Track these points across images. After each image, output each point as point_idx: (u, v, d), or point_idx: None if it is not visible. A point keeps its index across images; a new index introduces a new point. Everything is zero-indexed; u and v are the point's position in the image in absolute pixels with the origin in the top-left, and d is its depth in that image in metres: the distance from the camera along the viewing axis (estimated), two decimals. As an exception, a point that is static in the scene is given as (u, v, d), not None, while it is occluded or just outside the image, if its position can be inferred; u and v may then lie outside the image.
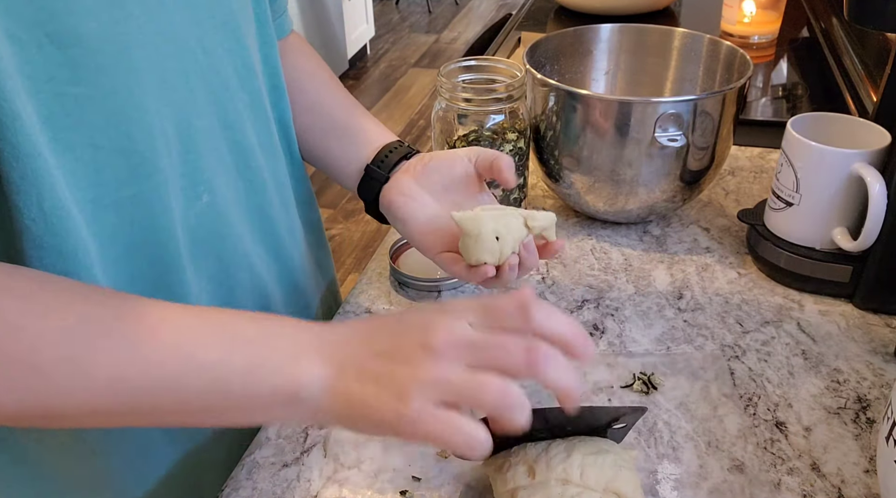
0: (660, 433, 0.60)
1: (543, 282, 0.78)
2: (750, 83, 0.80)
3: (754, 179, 0.94)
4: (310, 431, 0.62)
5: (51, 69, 0.44)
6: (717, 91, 0.76)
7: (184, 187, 0.55)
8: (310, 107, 0.73)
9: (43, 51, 0.43)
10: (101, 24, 0.45)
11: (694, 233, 0.85)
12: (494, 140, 0.78)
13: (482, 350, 0.43)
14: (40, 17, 0.42)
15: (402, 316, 0.47)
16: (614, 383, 0.65)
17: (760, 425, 0.61)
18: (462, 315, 0.45)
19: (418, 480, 0.57)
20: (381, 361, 0.44)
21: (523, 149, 0.80)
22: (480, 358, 0.43)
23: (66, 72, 0.44)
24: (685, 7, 1.55)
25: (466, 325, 0.44)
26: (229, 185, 0.60)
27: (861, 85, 1.03)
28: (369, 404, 0.43)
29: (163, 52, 0.50)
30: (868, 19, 0.66)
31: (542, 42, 0.87)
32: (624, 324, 0.72)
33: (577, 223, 0.87)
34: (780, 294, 0.75)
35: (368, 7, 4.33)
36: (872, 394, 0.64)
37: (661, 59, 0.91)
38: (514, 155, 0.79)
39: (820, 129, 0.73)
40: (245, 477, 0.58)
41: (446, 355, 0.43)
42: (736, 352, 0.68)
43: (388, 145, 0.69)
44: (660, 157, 0.77)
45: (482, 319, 0.45)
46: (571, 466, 0.50)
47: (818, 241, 0.73)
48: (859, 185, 0.69)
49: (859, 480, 0.56)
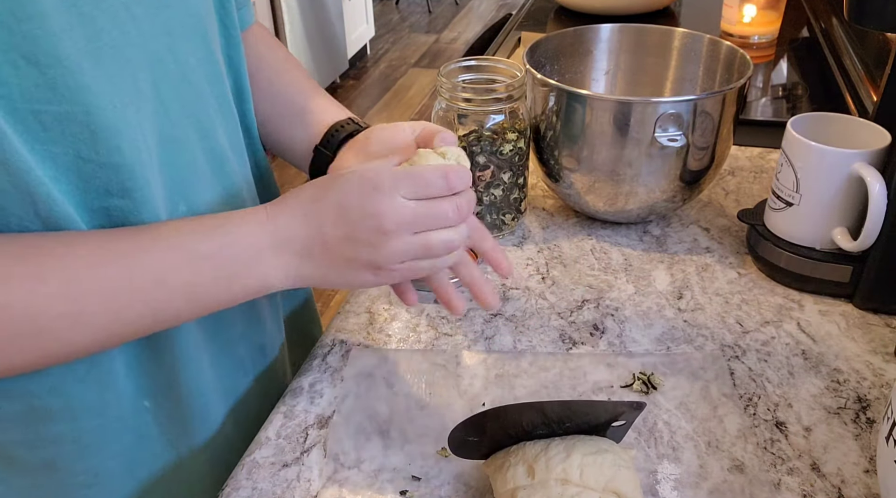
0: (660, 433, 0.60)
1: (543, 282, 0.78)
2: (750, 83, 0.80)
3: (754, 179, 0.94)
4: (310, 431, 0.62)
5: (27, 89, 0.44)
6: (717, 91, 0.76)
7: (164, 198, 0.55)
8: (273, 96, 0.73)
9: (20, 71, 0.43)
10: (75, 43, 0.45)
11: (694, 233, 0.85)
12: (494, 140, 0.78)
13: (424, 219, 0.53)
14: (14, 41, 0.43)
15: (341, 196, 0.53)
16: (614, 383, 0.65)
17: (760, 425, 0.61)
18: (396, 191, 0.52)
19: (418, 480, 0.57)
20: (346, 245, 0.53)
21: (523, 149, 0.80)
22: (424, 225, 0.53)
23: (45, 92, 0.45)
24: (685, 7, 1.55)
25: (405, 202, 0.52)
26: (206, 192, 0.60)
27: (861, 85, 1.03)
28: (344, 277, 0.54)
29: (136, 65, 0.51)
30: (868, 19, 0.66)
31: (542, 42, 0.87)
32: (624, 324, 0.72)
33: (577, 223, 0.87)
34: (780, 294, 0.75)
35: (368, 7, 4.33)
36: (872, 394, 0.64)
37: (661, 59, 0.91)
38: (514, 155, 0.79)
39: (820, 129, 0.73)
40: (245, 477, 0.58)
41: (399, 232, 0.52)
42: (736, 352, 0.68)
43: (336, 124, 0.68)
44: (660, 157, 0.77)
45: (413, 191, 0.53)
46: (571, 465, 0.50)
47: (818, 241, 0.73)
48: (859, 185, 0.69)
49: (859, 480, 0.56)
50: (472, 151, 0.78)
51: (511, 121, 0.78)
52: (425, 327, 0.72)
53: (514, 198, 0.82)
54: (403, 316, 0.74)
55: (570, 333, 0.71)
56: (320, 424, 0.63)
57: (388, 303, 0.76)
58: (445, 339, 0.71)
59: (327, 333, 0.72)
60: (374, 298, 0.76)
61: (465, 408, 0.63)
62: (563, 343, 0.70)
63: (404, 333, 0.72)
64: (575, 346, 0.70)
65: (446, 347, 0.70)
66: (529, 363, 0.68)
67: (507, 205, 0.82)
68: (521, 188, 0.83)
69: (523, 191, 0.83)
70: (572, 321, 0.73)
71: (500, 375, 0.66)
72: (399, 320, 0.73)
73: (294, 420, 0.63)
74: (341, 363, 0.68)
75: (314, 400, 0.65)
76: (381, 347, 0.70)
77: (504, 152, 0.78)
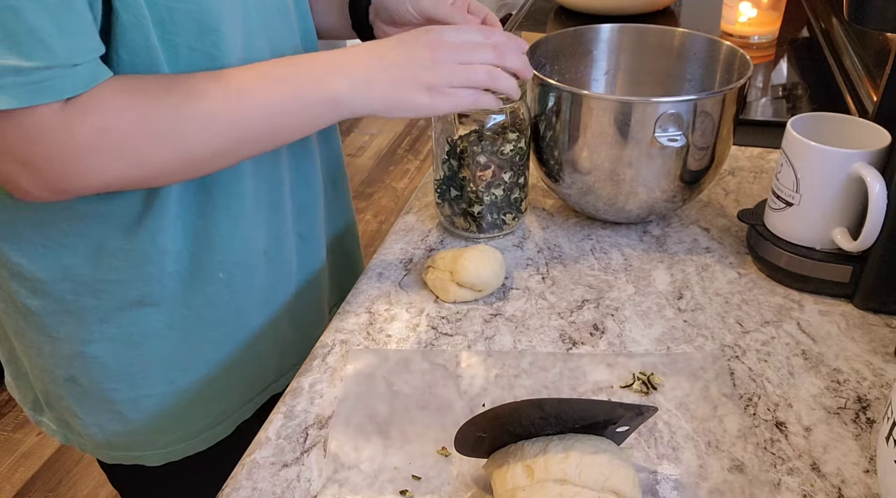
0: (660, 433, 0.60)
1: (543, 282, 0.78)
2: (750, 83, 0.80)
3: (754, 179, 0.94)
4: (310, 431, 0.62)
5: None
6: (717, 91, 0.76)
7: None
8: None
9: None
10: None
11: (694, 233, 0.85)
12: (495, 140, 0.78)
13: (469, 48, 0.68)
14: None
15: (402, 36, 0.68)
16: (614, 383, 0.65)
17: (760, 425, 0.61)
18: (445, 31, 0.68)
19: (418, 480, 0.57)
20: (405, 67, 0.66)
21: (524, 149, 0.80)
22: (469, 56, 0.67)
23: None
24: (685, 7, 1.55)
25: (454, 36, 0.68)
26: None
27: (861, 85, 1.03)
28: (404, 96, 0.66)
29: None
30: (868, 19, 0.66)
31: (542, 42, 0.87)
32: (624, 324, 0.72)
33: (577, 223, 0.87)
34: (780, 294, 0.75)
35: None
36: (872, 394, 0.64)
37: (661, 59, 0.91)
38: (514, 155, 0.79)
39: (820, 129, 0.73)
40: (245, 477, 0.58)
41: (448, 58, 0.66)
42: (736, 352, 0.68)
43: None
44: (660, 157, 0.77)
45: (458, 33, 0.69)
46: (569, 465, 0.50)
47: (818, 241, 0.73)
48: (859, 185, 0.69)
49: (859, 480, 0.56)
50: (472, 151, 0.78)
51: (512, 120, 0.78)
52: (425, 327, 0.72)
53: (514, 197, 0.82)
54: (403, 316, 0.74)
55: (570, 333, 0.71)
56: (320, 424, 0.63)
57: (388, 303, 0.76)
58: (445, 339, 0.71)
59: (327, 333, 0.72)
60: (374, 298, 0.76)
61: (465, 408, 0.63)
62: (563, 343, 0.70)
63: (404, 333, 0.72)
64: (575, 346, 0.70)
65: (446, 347, 0.70)
66: (529, 363, 0.68)
67: (508, 204, 0.82)
68: (522, 188, 0.83)
69: (524, 191, 0.84)
70: (572, 321, 0.73)
71: (500, 375, 0.66)
72: (399, 320, 0.73)
73: (294, 420, 0.63)
74: (341, 363, 0.68)
75: (314, 400, 0.65)
76: (381, 347, 0.70)
77: (505, 152, 0.79)
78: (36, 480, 1.81)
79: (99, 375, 0.73)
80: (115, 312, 0.71)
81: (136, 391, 0.75)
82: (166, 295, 0.71)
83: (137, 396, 0.75)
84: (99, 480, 1.79)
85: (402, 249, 0.84)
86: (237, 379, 0.80)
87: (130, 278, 0.69)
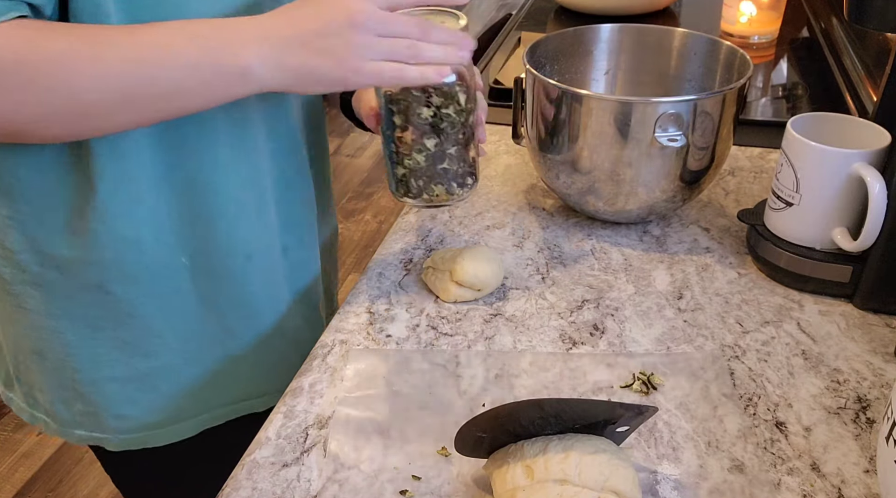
0: (660, 433, 0.60)
1: (543, 282, 0.78)
2: (750, 83, 0.80)
3: (754, 179, 0.94)
4: (310, 431, 0.62)
5: None
6: (717, 91, 0.76)
7: None
8: None
9: None
10: None
11: (694, 233, 0.85)
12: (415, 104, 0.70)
13: (392, 21, 0.61)
14: None
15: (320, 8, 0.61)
16: (614, 383, 0.65)
17: (760, 425, 0.61)
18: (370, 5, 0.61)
19: (418, 480, 0.57)
20: (320, 38, 0.60)
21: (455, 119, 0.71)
22: (391, 29, 0.61)
23: None
24: (685, 7, 1.55)
25: (374, 6, 0.60)
26: None
27: (861, 85, 1.03)
28: (319, 70, 0.61)
29: None
30: (868, 19, 0.66)
31: (542, 42, 0.87)
32: (624, 324, 0.72)
33: (577, 223, 0.87)
34: (780, 294, 0.75)
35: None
36: (872, 394, 0.64)
37: (661, 59, 0.91)
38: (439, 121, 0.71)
39: (820, 129, 0.73)
40: (245, 477, 0.58)
41: (366, 29, 0.60)
42: (736, 352, 0.68)
43: None
44: (660, 157, 0.77)
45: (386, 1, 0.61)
46: (569, 466, 0.50)
47: (818, 241, 0.73)
48: (859, 185, 0.69)
49: (859, 480, 0.56)
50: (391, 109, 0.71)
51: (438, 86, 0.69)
52: (425, 327, 0.72)
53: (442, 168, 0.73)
54: (403, 316, 0.74)
55: (570, 333, 0.71)
56: (320, 424, 0.63)
57: (388, 303, 0.76)
58: (445, 339, 0.71)
59: (327, 333, 0.72)
60: (374, 298, 0.76)
61: (465, 408, 0.63)
62: (563, 343, 0.70)
63: (404, 333, 0.72)
64: (575, 346, 0.70)
65: (446, 346, 0.70)
66: (529, 363, 0.68)
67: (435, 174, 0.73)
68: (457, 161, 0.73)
69: (462, 166, 0.74)
70: (572, 321, 0.73)
71: (500, 375, 0.66)
72: (399, 320, 0.73)
73: (294, 420, 0.63)
74: (341, 363, 0.68)
75: (314, 400, 0.65)
76: (380, 347, 0.70)
77: (423, 116, 0.70)
78: (36, 480, 1.81)
79: (62, 352, 0.74)
80: (78, 291, 0.71)
81: (98, 373, 0.75)
82: (127, 283, 0.71)
83: (99, 377, 0.75)
84: (99, 480, 1.80)
85: (402, 249, 0.84)
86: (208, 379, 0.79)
87: (94, 260, 0.69)
